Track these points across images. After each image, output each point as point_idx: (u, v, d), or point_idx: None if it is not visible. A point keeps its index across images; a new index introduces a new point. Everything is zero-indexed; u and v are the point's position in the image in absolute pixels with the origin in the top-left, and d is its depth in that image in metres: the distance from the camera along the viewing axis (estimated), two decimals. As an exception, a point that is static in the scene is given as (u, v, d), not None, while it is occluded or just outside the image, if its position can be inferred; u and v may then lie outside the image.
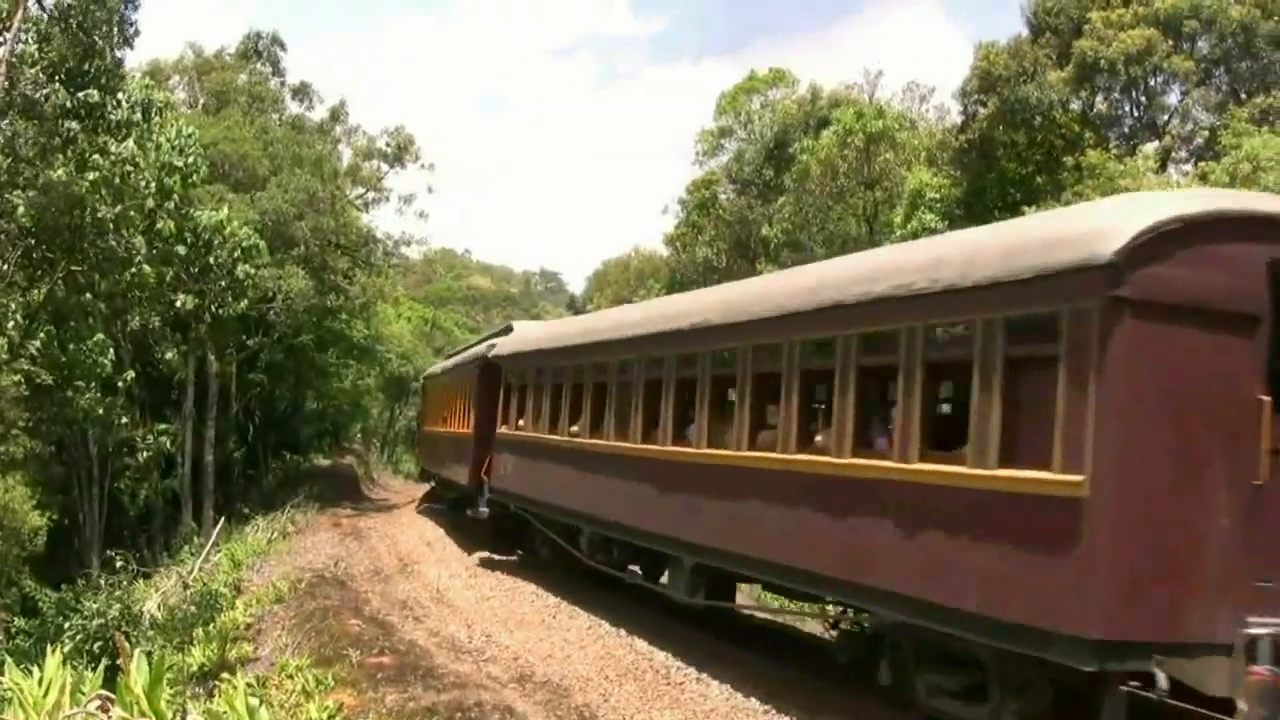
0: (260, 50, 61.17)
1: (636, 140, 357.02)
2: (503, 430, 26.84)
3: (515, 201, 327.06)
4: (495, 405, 27.55)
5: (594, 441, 20.47)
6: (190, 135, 37.46)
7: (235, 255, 40.65)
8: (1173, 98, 40.86)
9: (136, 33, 31.05)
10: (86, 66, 28.60)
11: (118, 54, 30.31)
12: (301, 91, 61.61)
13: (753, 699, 13.88)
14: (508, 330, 31.32)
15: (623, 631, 18.44)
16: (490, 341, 30.83)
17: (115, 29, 29.85)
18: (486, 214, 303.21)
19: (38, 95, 27.96)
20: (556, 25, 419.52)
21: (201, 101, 57.80)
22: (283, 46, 61.92)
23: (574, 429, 21.82)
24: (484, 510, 28.08)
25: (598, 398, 20.66)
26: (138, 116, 31.80)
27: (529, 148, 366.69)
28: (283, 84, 61.80)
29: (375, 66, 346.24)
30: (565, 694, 14.31)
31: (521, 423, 25.37)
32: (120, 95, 30.51)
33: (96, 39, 28.67)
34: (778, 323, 14.48)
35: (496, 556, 27.78)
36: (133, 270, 33.15)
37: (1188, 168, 38.76)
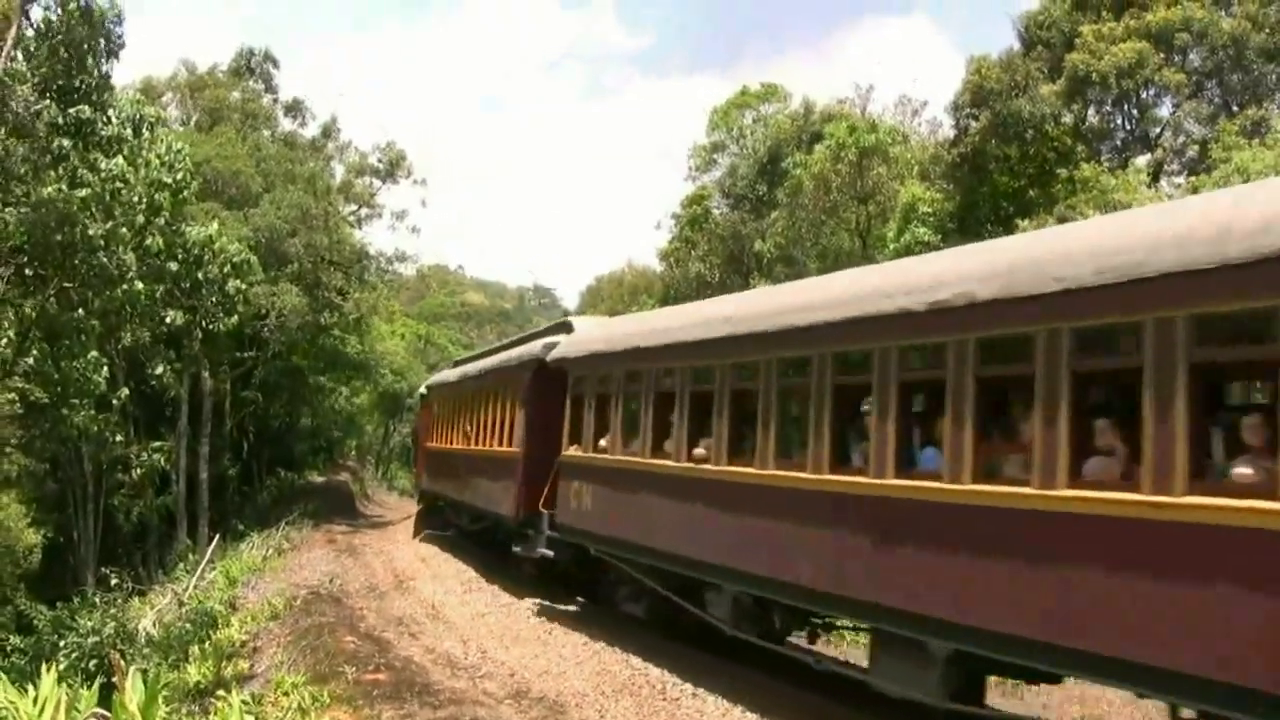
0: (253, 67, 61.34)
1: (629, 155, 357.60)
2: (574, 451, 21.14)
3: (508, 217, 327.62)
4: (556, 419, 21.99)
5: (738, 470, 15.20)
6: (180, 151, 37.49)
7: (225, 270, 40.67)
8: (1164, 110, 40.97)
9: (122, 45, 31.10)
10: (78, 83, 28.64)
11: (104, 68, 30.32)
12: (294, 108, 61.81)
13: (749, 714, 13.83)
14: (566, 327, 25.25)
15: (618, 648, 18.35)
16: (545, 340, 24.39)
17: (101, 42, 29.86)
18: (480, 229, 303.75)
19: (28, 113, 27.94)
20: (544, 40, 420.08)
21: (195, 118, 57.92)
22: (275, 63, 62.17)
23: (699, 452, 16.36)
24: (544, 552, 22.21)
25: (740, 410, 15.46)
26: (128, 133, 31.82)
27: (521, 163, 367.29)
28: (275, 100, 61.99)
29: (370, 72, 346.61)
30: (561, 710, 14.27)
31: (605, 442, 19.77)
32: (111, 111, 30.55)
33: (83, 54, 28.68)
34: (1133, 292, 9.33)
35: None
36: (124, 287, 33.14)
37: (1180, 180, 38.84)
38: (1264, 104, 37.17)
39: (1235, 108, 38.38)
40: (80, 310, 33.68)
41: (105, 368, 35.43)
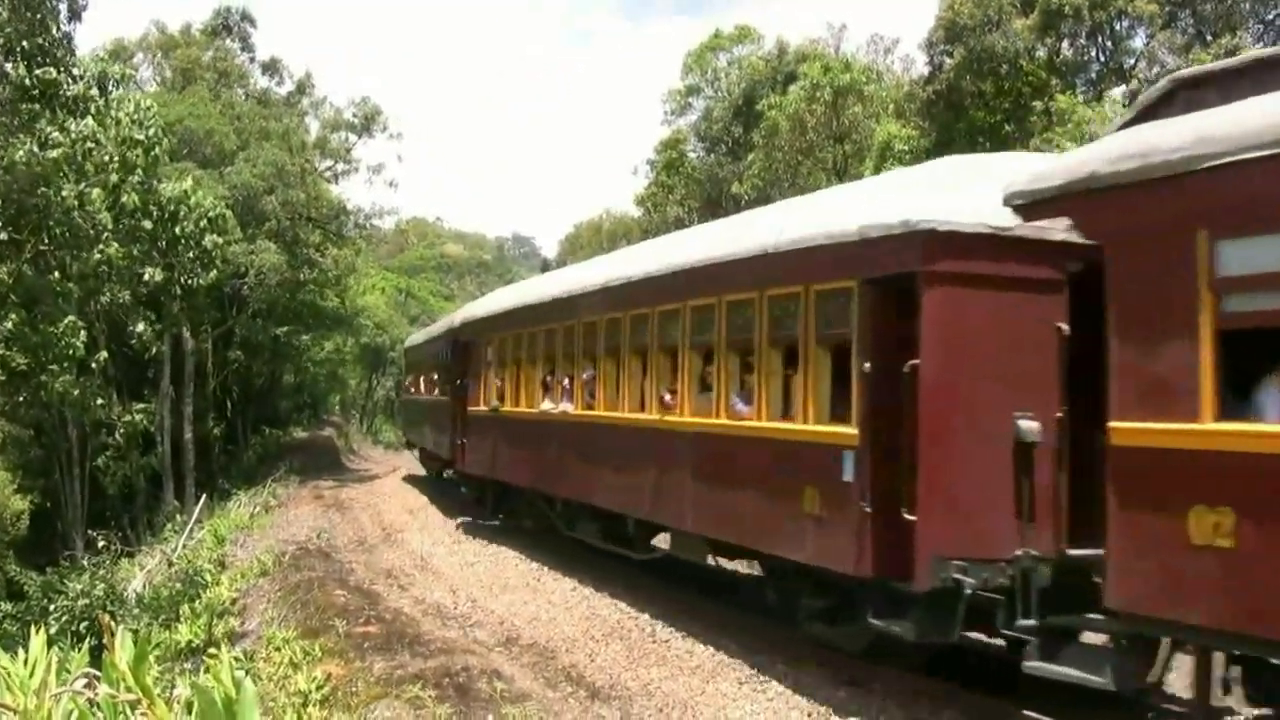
0: (230, 26, 60.58)
1: (606, 102, 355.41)
2: None
3: (486, 166, 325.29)
4: None
5: None
6: (149, 109, 37.11)
7: (202, 225, 40.37)
8: (1138, 41, 40.88)
9: (84, 5, 30.68)
10: (41, 41, 28.23)
11: (65, 28, 29.90)
12: (271, 67, 61.17)
13: (738, 656, 13.97)
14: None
15: (607, 593, 18.50)
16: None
17: (64, 4, 29.50)
18: (457, 180, 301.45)
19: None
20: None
21: (170, 79, 57.35)
22: (252, 23, 61.34)
23: None
24: None
25: None
26: (94, 92, 31.48)
27: (497, 111, 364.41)
28: (252, 59, 61.31)
29: (341, 30, 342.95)
30: (552, 655, 14.40)
31: None
32: (75, 71, 30.19)
33: (45, 13, 28.27)
34: None
35: None
36: (101, 248, 32.94)
37: (1155, 111, 38.74)
38: (1237, 32, 37.05)
39: (1209, 37, 38.29)
40: (57, 274, 33.47)
41: (84, 332, 35.26)
